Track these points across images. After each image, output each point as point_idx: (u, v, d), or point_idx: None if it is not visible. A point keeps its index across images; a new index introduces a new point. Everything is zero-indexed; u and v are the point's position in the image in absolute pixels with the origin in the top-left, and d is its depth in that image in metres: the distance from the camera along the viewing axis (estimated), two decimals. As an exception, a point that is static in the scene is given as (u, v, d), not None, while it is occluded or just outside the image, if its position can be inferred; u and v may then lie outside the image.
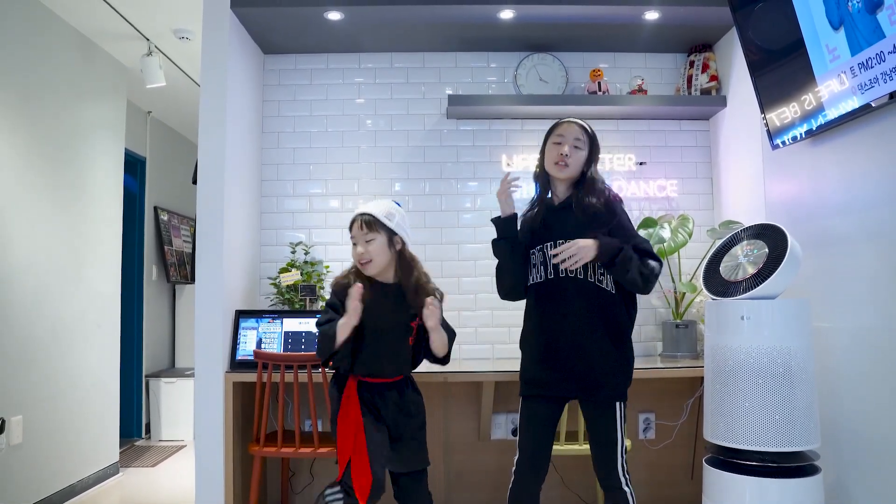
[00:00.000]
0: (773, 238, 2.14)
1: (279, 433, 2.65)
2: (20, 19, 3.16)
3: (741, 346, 2.04)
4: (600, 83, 3.24)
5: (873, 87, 1.99)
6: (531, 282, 2.23)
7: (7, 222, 3.06)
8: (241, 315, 2.89)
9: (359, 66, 3.38)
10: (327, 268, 3.24)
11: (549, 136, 2.25)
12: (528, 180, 2.51)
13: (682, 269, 3.15)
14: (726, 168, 3.22)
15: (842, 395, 2.30)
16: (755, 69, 2.56)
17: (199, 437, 2.73)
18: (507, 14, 2.96)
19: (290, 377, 2.65)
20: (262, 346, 2.85)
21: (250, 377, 2.71)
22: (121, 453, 4.15)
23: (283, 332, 2.87)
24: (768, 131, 2.56)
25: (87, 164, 3.75)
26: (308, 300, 3.04)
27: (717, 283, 2.21)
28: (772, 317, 2.04)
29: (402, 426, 2.19)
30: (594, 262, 2.09)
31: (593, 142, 2.23)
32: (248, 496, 2.73)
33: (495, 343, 3.25)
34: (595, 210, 2.15)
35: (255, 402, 2.70)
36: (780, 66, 2.42)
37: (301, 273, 3.09)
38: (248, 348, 2.84)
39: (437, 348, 2.17)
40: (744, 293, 2.09)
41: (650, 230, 3.07)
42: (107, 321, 3.91)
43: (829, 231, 2.38)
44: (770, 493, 1.98)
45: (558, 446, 2.54)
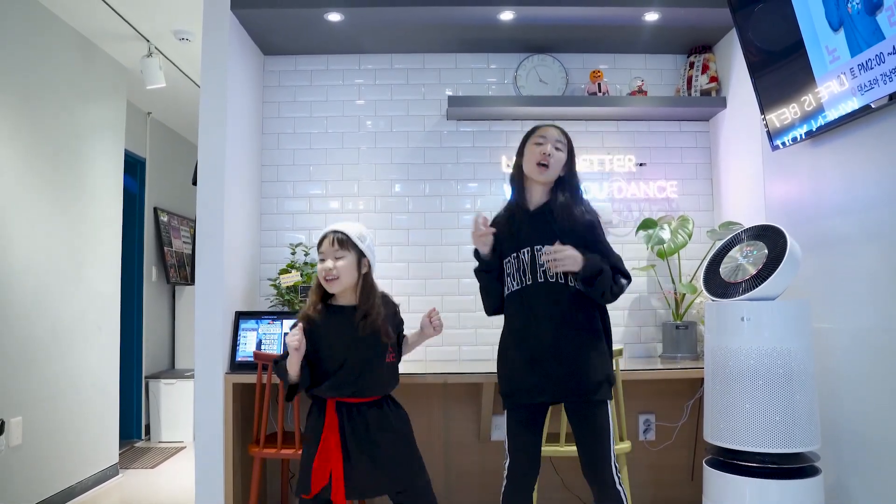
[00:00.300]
0: (772, 239, 2.14)
1: (279, 434, 2.65)
2: (20, 20, 3.17)
3: (741, 347, 2.04)
4: (600, 84, 3.25)
5: (873, 88, 1.99)
6: (508, 290, 2.21)
7: (7, 223, 3.06)
8: (240, 316, 2.89)
9: (359, 67, 3.38)
10: (327, 269, 3.23)
11: (528, 139, 2.23)
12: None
13: (682, 270, 3.15)
14: (726, 169, 3.22)
15: (842, 396, 2.30)
16: (755, 70, 2.56)
17: (199, 438, 2.73)
18: (507, 15, 2.97)
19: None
20: (262, 347, 2.85)
21: (250, 378, 2.71)
22: (120, 455, 4.15)
23: (283, 334, 2.87)
24: (768, 132, 2.56)
25: (86, 164, 3.75)
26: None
27: (717, 285, 2.21)
28: (772, 318, 2.04)
29: (386, 445, 2.16)
30: (573, 274, 2.09)
31: (571, 147, 2.24)
32: (248, 497, 2.72)
33: (495, 344, 3.16)
34: (573, 216, 2.14)
35: (254, 404, 2.70)
36: (780, 68, 2.42)
37: (301, 274, 3.08)
38: (247, 349, 2.84)
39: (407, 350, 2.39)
40: (743, 294, 2.09)
41: (650, 231, 3.08)
42: (106, 322, 3.91)
43: (829, 232, 2.39)
44: (770, 495, 1.98)
45: (558, 447, 2.54)
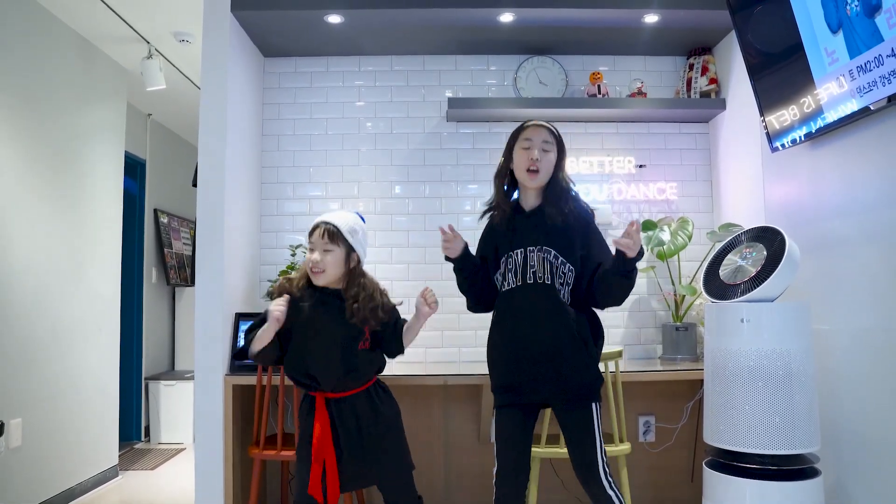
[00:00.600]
0: (771, 241, 2.14)
1: (279, 436, 2.65)
2: (20, 22, 3.17)
3: (741, 348, 2.04)
4: (600, 86, 3.25)
5: (872, 90, 2.00)
6: (503, 288, 2.19)
7: (7, 224, 3.06)
8: (241, 317, 2.88)
9: (359, 69, 3.39)
10: (327, 270, 3.23)
11: (515, 140, 2.19)
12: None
13: (682, 271, 3.15)
14: (726, 171, 3.22)
15: (842, 398, 2.30)
16: (754, 72, 2.56)
17: (199, 439, 2.73)
18: (507, 17, 2.97)
19: (289, 379, 2.64)
20: (262, 348, 2.84)
21: (250, 380, 2.71)
22: (120, 456, 4.14)
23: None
24: (767, 134, 2.56)
25: (87, 166, 3.75)
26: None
27: (717, 286, 2.21)
28: (771, 319, 2.04)
29: (372, 436, 2.15)
30: (627, 258, 1.99)
31: (561, 144, 2.19)
32: (248, 499, 2.72)
33: (495, 346, 3.24)
34: (566, 216, 2.13)
35: (254, 405, 2.70)
36: (780, 69, 2.42)
37: (301, 275, 3.08)
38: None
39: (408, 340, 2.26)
40: (742, 296, 2.09)
41: (650, 233, 3.08)
42: (106, 323, 3.91)
43: (829, 233, 2.39)
44: (770, 496, 1.98)
45: (558, 449, 2.53)
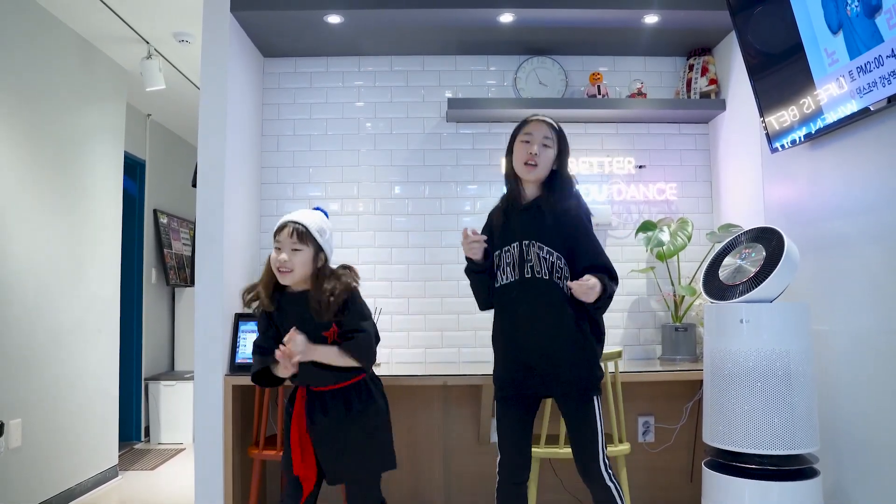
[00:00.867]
0: (769, 241, 2.14)
1: (279, 436, 2.65)
2: (20, 22, 3.17)
3: (740, 349, 2.04)
4: (600, 86, 3.25)
5: (872, 90, 2.00)
6: (499, 283, 2.19)
7: (7, 225, 3.06)
8: (240, 318, 2.89)
9: (358, 69, 3.39)
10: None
11: (516, 135, 2.19)
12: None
13: (682, 272, 3.15)
14: (725, 171, 3.22)
15: (841, 398, 2.31)
16: (754, 73, 2.56)
17: (199, 440, 2.73)
18: (507, 17, 2.97)
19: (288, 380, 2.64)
20: (262, 349, 2.84)
21: (249, 380, 2.70)
22: (120, 456, 4.14)
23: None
24: (767, 135, 2.56)
25: (86, 166, 3.75)
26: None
27: (716, 287, 2.21)
28: (771, 320, 2.04)
29: (342, 432, 2.12)
30: (584, 302, 2.04)
31: (562, 140, 2.18)
32: (248, 499, 2.72)
33: (495, 346, 3.24)
34: (564, 212, 2.12)
35: (254, 406, 2.70)
36: (780, 70, 2.42)
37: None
38: (247, 351, 2.83)
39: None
40: (740, 296, 2.09)
41: (649, 233, 3.08)
42: (106, 324, 3.91)
43: (828, 234, 2.39)
44: (769, 496, 1.98)
45: (557, 449, 2.54)
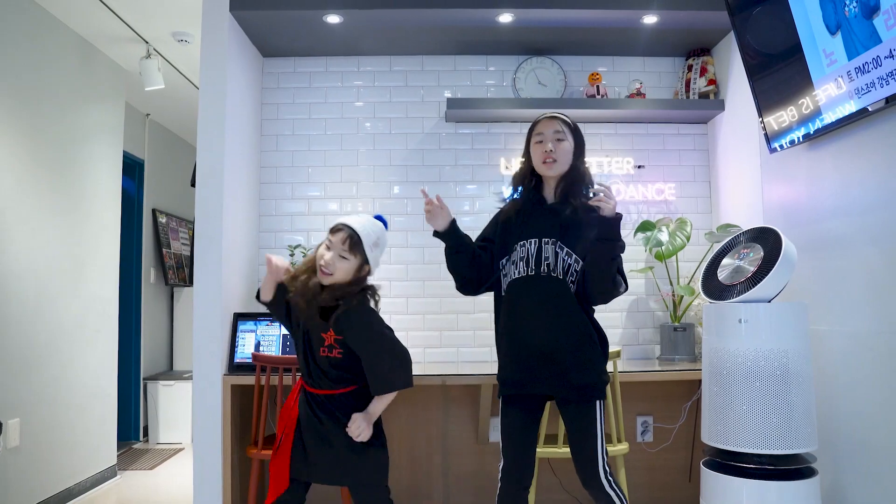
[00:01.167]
0: (767, 241, 2.14)
1: (277, 436, 2.65)
2: (19, 22, 3.17)
3: (739, 349, 2.04)
4: (599, 87, 3.26)
5: (870, 91, 2.00)
6: (512, 277, 2.19)
7: (6, 224, 3.06)
8: (239, 318, 2.89)
9: (358, 69, 3.39)
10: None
11: (529, 138, 2.21)
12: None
13: (680, 272, 3.15)
14: (724, 171, 3.23)
15: (839, 398, 2.31)
16: (753, 73, 2.57)
17: (198, 439, 2.73)
18: (506, 18, 2.97)
19: (288, 380, 2.65)
20: (261, 348, 2.85)
21: (248, 380, 2.71)
22: (118, 456, 4.14)
23: (282, 335, 2.87)
24: (766, 135, 2.57)
25: (85, 166, 3.75)
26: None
27: (714, 287, 2.22)
28: (769, 320, 2.04)
29: (332, 442, 2.08)
30: (608, 221, 2.02)
31: (576, 132, 2.20)
32: (247, 499, 2.73)
33: (493, 346, 3.22)
34: (577, 210, 2.12)
35: (253, 405, 2.70)
36: (778, 71, 2.43)
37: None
38: (246, 351, 2.84)
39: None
40: (738, 296, 2.09)
41: (648, 233, 3.08)
42: (105, 323, 3.91)
43: (827, 234, 2.39)
44: (768, 496, 1.98)
45: (556, 449, 2.54)
